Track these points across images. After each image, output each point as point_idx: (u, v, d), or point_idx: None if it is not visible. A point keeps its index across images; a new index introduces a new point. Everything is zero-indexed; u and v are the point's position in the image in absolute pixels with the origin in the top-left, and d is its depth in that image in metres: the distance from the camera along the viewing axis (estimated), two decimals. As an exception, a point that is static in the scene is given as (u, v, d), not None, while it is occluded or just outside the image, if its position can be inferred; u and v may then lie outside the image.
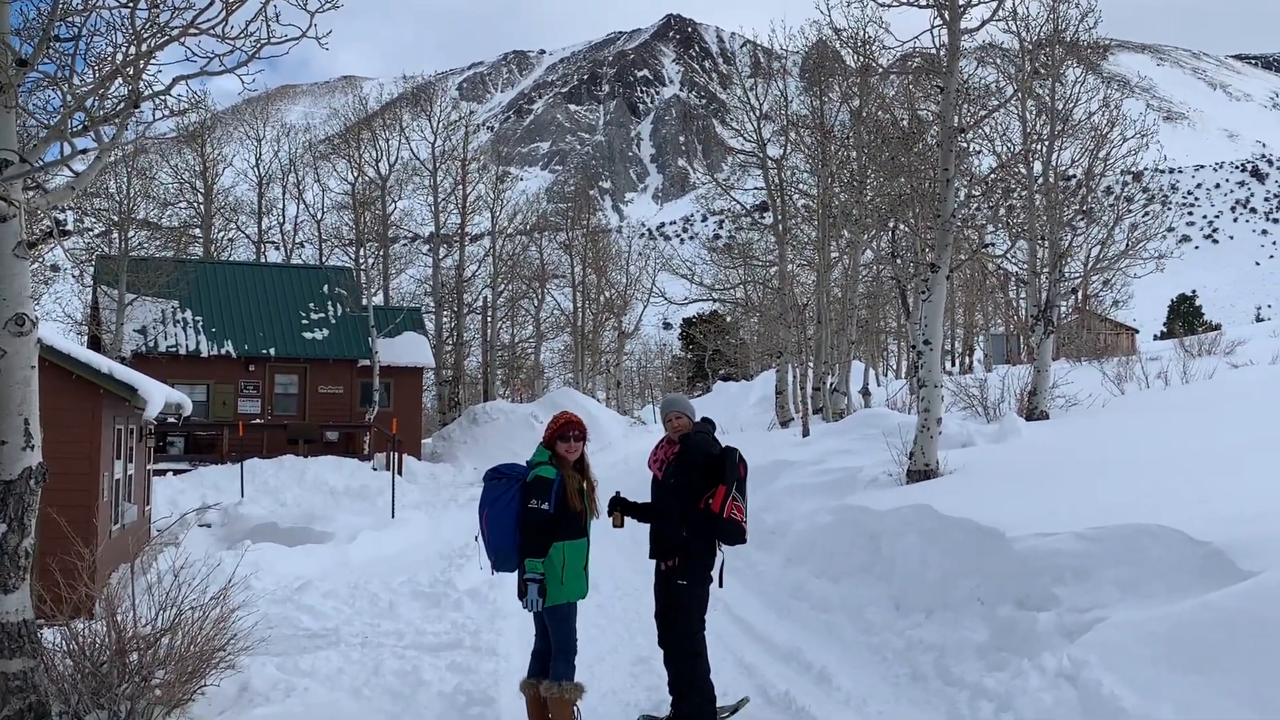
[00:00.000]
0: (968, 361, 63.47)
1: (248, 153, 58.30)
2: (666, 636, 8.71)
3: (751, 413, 46.70)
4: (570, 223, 63.72)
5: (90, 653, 8.59)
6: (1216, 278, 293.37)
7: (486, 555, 8.20)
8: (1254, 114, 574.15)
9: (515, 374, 65.24)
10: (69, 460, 14.66)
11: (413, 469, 35.20)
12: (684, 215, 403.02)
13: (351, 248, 53.20)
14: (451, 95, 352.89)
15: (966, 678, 8.90)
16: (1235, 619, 6.74)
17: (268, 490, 29.41)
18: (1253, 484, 10.06)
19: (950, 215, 15.93)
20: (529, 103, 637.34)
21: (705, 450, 8.65)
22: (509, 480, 8.16)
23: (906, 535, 11.95)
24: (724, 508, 8.42)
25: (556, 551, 8.05)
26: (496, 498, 8.12)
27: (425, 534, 21.04)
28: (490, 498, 8.16)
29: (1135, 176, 28.06)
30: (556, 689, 8.04)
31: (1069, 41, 24.11)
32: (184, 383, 33.38)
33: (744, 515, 8.48)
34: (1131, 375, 26.65)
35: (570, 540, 8.14)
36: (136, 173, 39.34)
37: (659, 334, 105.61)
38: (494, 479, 8.24)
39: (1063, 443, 16.45)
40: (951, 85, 15.98)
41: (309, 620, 12.84)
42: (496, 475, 8.26)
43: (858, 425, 22.02)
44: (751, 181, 44.45)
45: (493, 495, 8.15)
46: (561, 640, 8.15)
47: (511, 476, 8.19)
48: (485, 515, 8.15)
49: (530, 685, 8.26)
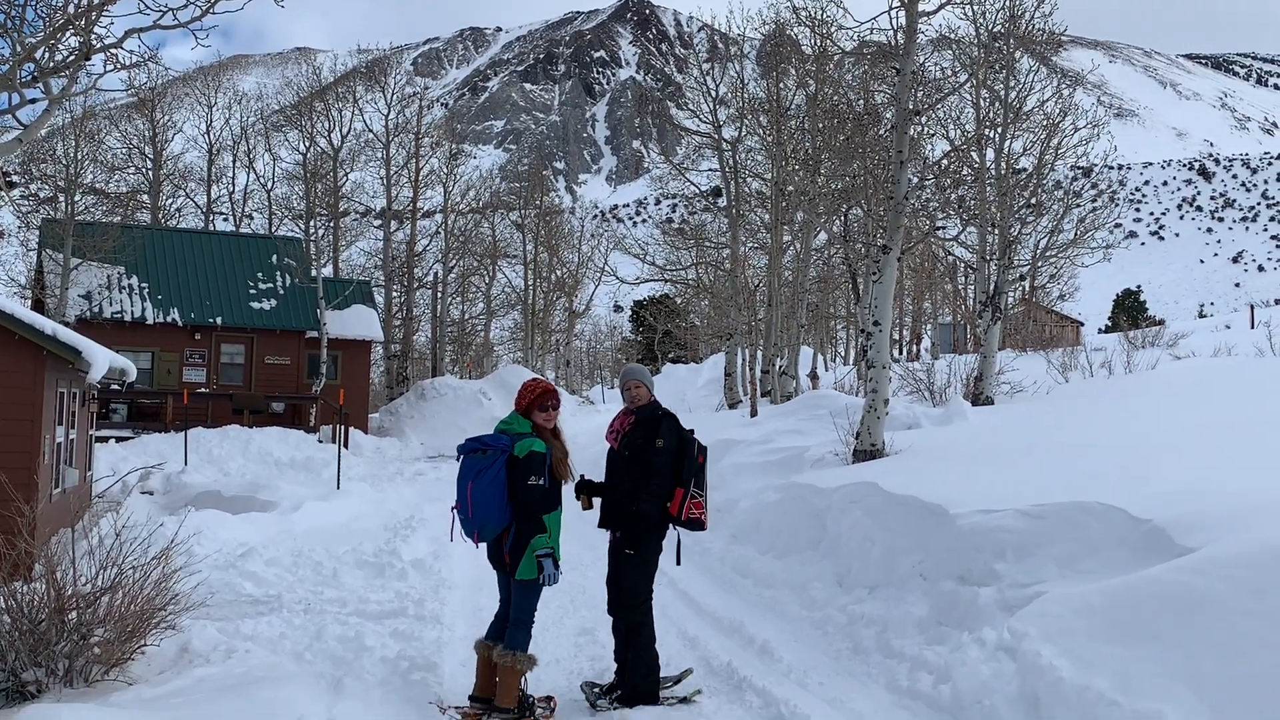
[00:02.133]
0: (915, 349, 63.93)
1: (198, 120, 57.58)
2: (614, 604, 8.74)
3: (700, 394, 46.80)
4: (523, 201, 63.48)
5: (28, 610, 8.51)
6: (1161, 274, 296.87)
7: (466, 528, 8.12)
8: (1202, 113, 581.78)
9: (464, 351, 65.00)
10: (10, 421, 14.47)
11: (359, 442, 35.00)
12: (637, 198, 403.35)
13: (302, 219, 52.76)
14: (406, 69, 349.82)
15: (907, 651, 9.00)
16: (1171, 592, 6.84)
17: (212, 460, 29.13)
18: (1193, 465, 10.22)
19: (903, 198, 16.02)
20: (484, 80, 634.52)
21: (657, 422, 8.68)
22: (494, 452, 8.08)
23: (851, 513, 12.04)
24: (682, 509, 8.50)
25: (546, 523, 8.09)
26: (482, 469, 8.03)
27: (370, 506, 20.92)
28: (474, 469, 8.06)
29: (1085, 171, 28.33)
30: (510, 658, 8.06)
31: (1022, 34, 24.29)
32: (129, 350, 32.98)
33: (704, 509, 8.51)
34: (1076, 364, 26.95)
35: (554, 511, 8.18)
36: (85, 137, 38.74)
37: (610, 315, 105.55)
38: (476, 450, 8.14)
39: (1007, 426, 16.63)
40: (907, 68, 16.05)
41: (251, 586, 12.75)
42: (479, 447, 8.15)
43: (805, 406, 22.15)
44: (706, 164, 44.48)
45: (477, 467, 8.06)
46: (526, 611, 8.19)
47: (495, 448, 8.10)
48: (470, 488, 8.04)
49: (485, 646, 8.31)
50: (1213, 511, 7.95)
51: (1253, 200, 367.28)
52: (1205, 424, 13.22)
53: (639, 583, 8.67)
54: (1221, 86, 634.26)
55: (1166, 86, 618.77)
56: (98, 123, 43.50)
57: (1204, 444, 11.55)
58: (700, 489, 8.51)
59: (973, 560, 9.35)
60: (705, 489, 8.57)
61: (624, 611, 8.66)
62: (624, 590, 8.66)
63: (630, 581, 8.65)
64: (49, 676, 8.34)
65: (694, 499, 8.46)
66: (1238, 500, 8.15)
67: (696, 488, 8.50)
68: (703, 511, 8.50)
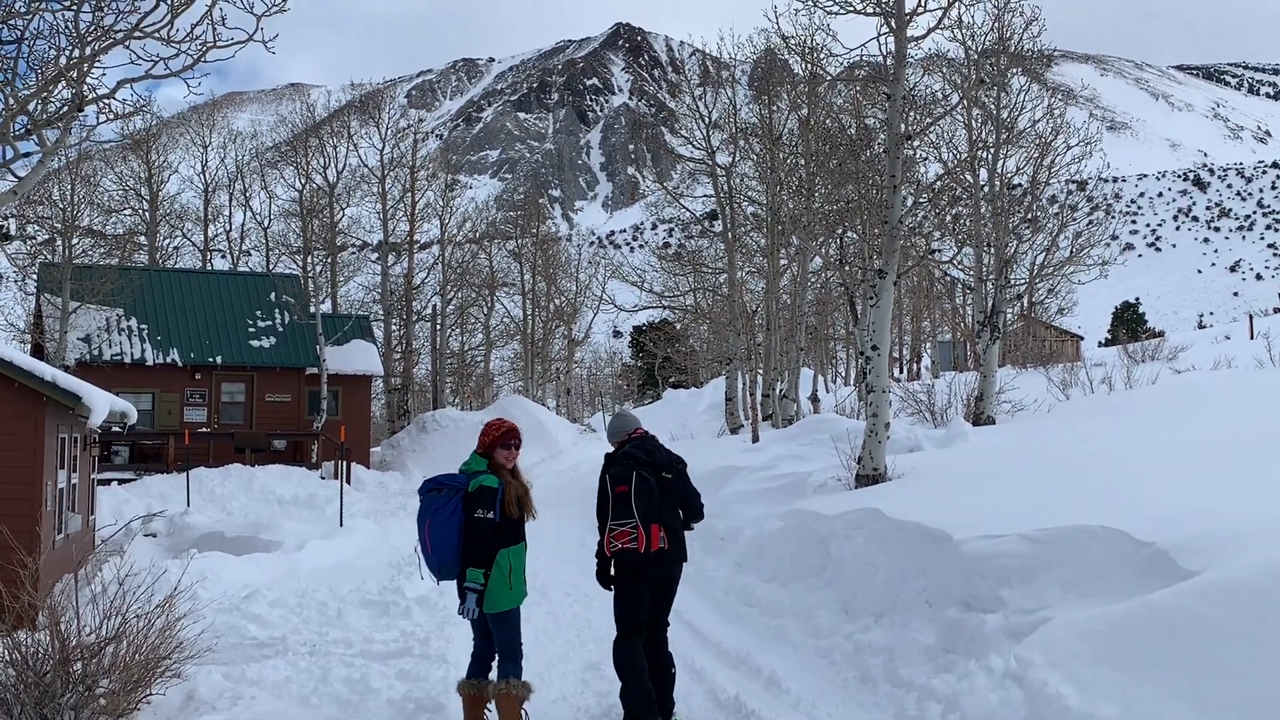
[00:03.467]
0: (915, 368, 63.88)
1: (194, 159, 57.74)
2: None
3: (702, 419, 46.72)
4: (520, 230, 63.58)
5: (33, 662, 8.48)
6: (1159, 285, 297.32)
7: (428, 566, 8.26)
8: (1195, 124, 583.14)
9: (464, 382, 64.97)
10: (11, 469, 14.47)
11: (361, 477, 34.99)
12: (634, 223, 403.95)
13: (299, 255, 52.84)
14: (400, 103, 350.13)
15: (915, 679, 8.98)
16: (1175, 618, 6.83)
17: (214, 499, 29.13)
18: (1194, 484, 10.20)
19: (897, 222, 16.06)
20: (478, 111, 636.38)
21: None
22: (449, 490, 8.25)
23: (855, 539, 12.03)
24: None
25: (503, 558, 8.22)
26: (438, 508, 8.19)
27: (374, 542, 20.88)
28: (431, 509, 8.22)
29: (1079, 185, 28.39)
30: (505, 686, 8.22)
31: (1013, 51, 24.39)
32: (129, 391, 33.01)
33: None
34: (1076, 381, 26.95)
35: (513, 545, 8.32)
36: (80, 180, 38.85)
37: (609, 342, 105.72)
38: (433, 490, 8.28)
39: (1009, 446, 16.61)
40: (898, 92, 16.11)
41: (256, 629, 12.72)
42: (436, 486, 8.31)
43: (807, 431, 22.12)
44: (701, 189, 44.57)
45: (434, 506, 8.21)
46: (511, 643, 8.32)
47: (451, 487, 8.27)
48: (428, 526, 8.17)
49: (471, 685, 8.47)
50: (1214, 533, 7.94)
51: (1248, 209, 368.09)
52: (1206, 440, 13.20)
53: (615, 613, 8.84)
54: (1213, 97, 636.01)
55: (1159, 98, 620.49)
56: (93, 165, 43.62)
57: (1205, 461, 11.53)
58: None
59: (977, 586, 9.33)
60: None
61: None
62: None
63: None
64: (55, 729, 8.31)
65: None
66: (1239, 520, 8.14)
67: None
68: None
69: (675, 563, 8.83)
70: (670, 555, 8.70)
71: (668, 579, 8.85)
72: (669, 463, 8.93)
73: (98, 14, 8.44)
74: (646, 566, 8.61)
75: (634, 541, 8.47)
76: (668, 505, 8.77)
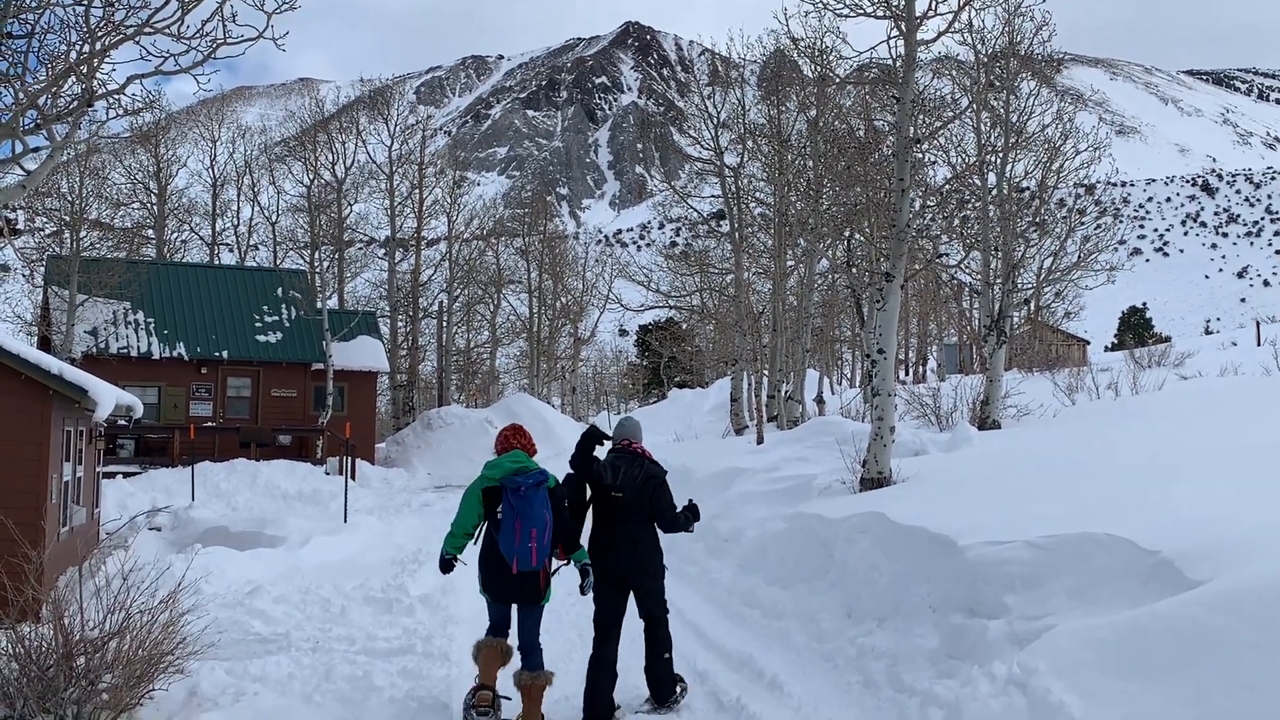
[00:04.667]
0: (921, 371, 63.85)
1: (202, 154, 57.84)
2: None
3: (707, 420, 46.71)
4: (527, 228, 63.60)
5: (36, 656, 8.50)
6: (1166, 290, 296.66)
7: (531, 557, 8.76)
8: (1204, 129, 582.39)
9: (470, 379, 65.00)
10: (16, 462, 14.48)
11: (366, 473, 35.01)
12: (641, 222, 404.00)
13: (306, 250, 52.90)
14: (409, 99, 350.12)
15: (917, 685, 8.96)
16: (1181, 627, 6.81)
17: (219, 494, 29.15)
18: (1201, 493, 10.16)
19: (905, 225, 16.04)
20: (487, 108, 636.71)
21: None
22: (531, 486, 8.92)
23: (859, 543, 12.00)
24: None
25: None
26: (534, 501, 8.86)
27: (378, 539, 20.87)
28: (539, 502, 8.86)
29: (1088, 189, 28.34)
30: (538, 677, 8.93)
31: (1023, 55, 24.35)
32: (135, 385, 33.05)
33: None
34: (1082, 386, 26.88)
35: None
36: (89, 173, 38.90)
37: (615, 341, 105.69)
38: (537, 485, 8.94)
39: (1014, 452, 16.58)
40: (907, 96, 16.08)
41: (259, 625, 12.73)
42: (540, 480, 8.99)
43: (812, 433, 22.09)
44: (708, 189, 44.50)
45: (532, 500, 8.84)
46: (537, 635, 9.08)
47: (529, 484, 8.93)
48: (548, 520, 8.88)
49: (493, 643, 9.08)
50: (1221, 541, 7.93)
51: (1256, 215, 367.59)
52: (1212, 448, 13.18)
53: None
54: (1223, 102, 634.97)
55: (1168, 103, 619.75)
56: (102, 159, 43.66)
57: (1211, 469, 11.51)
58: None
59: (982, 592, 9.31)
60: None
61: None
62: None
63: None
64: (57, 723, 8.32)
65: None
66: (1246, 529, 8.12)
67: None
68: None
69: (628, 567, 9.40)
70: (608, 561, 9.33)
71: (621, 581, 9.42)
72: (628, 482, 9.41)
73: (108, 9, 8.45)
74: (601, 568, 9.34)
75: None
76: (622, 519, 9.34)
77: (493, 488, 8.93)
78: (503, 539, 8.76)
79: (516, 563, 8.70)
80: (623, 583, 9.40)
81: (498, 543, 8.83)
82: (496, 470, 9.00)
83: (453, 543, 9.10)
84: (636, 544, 9.38)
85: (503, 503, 8.81)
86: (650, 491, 9.43)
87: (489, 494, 8.95)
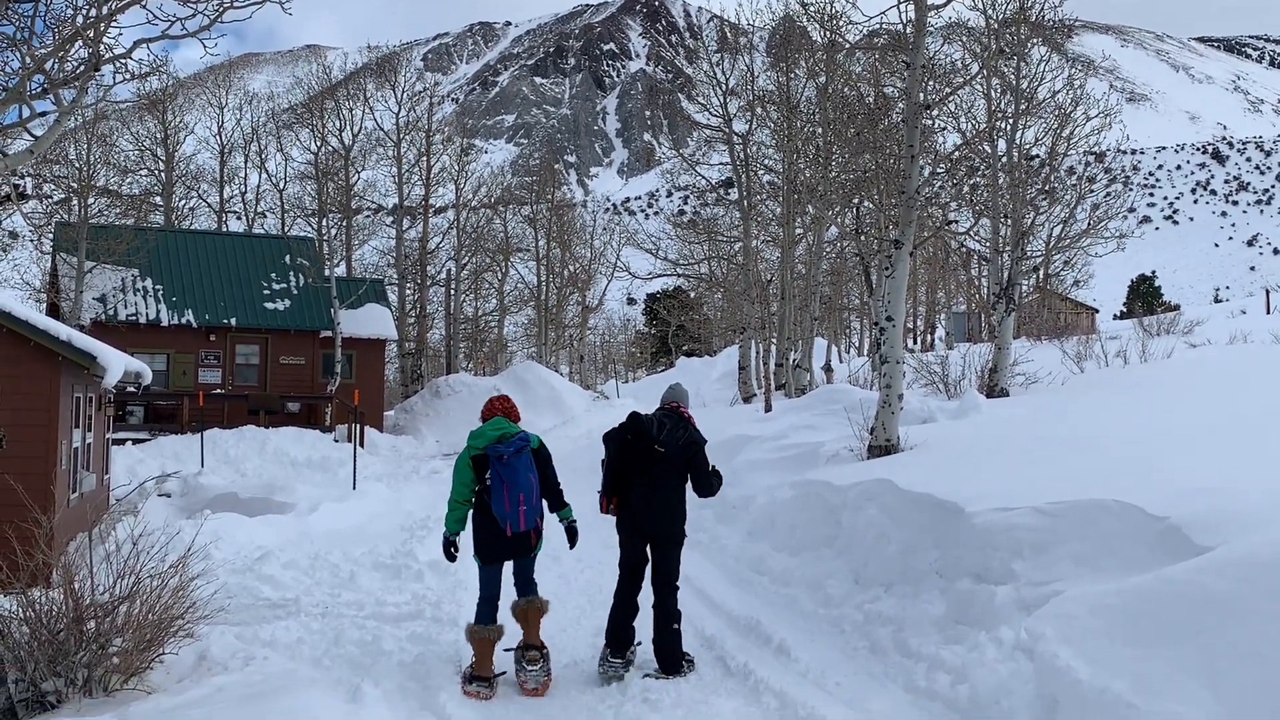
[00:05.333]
0: (929, 339, 63.80)
1: (210, 120, 57.70)
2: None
3: (714, 388, 46.72)
4: (535, 196, 63.47)
5: (47, 620, 8.55)
6: (1176, 259, 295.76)
7: (522, 518, 9.22)
8: (1215, 96, 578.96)
9: (478, 347, 65.01)
10: (27, 428, 14.54)
11: (374, 441, 35.07)
12: (649, 190, 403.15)
13: (314, 218, 52.87)
14: (416, 66, 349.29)
15: (924, 650, 8.99)
16: (1189, 593, 6.81)
17: (228, 461, 29.23)
18: (1208, 460, 10.17)
19: (914, 192, 15.98)
20: (494, 75, 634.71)
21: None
22: (517, 449, 9.31)
23: (867, 510, 12.02)
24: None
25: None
26: (526, 469, 9.29)
27: (387, 506, 20.92)
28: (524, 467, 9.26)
29: (1098, 157, 28.20)
30: (535, 601, 9.53)
31: (1034, 21, 24.17)
32: (144, 352, 33.09)
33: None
34: (1091, 354, 26.84)
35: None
36: (97, 139, 38.83)
37: (623, 309, 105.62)
38: (518, 450, 9.31)
39: (1022, 419, 16.57)
40: (918, 61, 15.99)
41: (269, 590, 12.78)
42: (521, 445, 9.35)
43: (820, 401, 22.09)
44: (717, 157, 44.37)
45: (523, 465, 9.26)
46: (532, 572, 9.67)
47: (518, 447, 9.34)
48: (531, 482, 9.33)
49: (486, 630, 9.38)
50: (1229, 508, 7.92)
51: (1267, 183, 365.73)
52: (1221, 416, 13.16)
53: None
54: (1234, 69, 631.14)
55: (1179, 70, 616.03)
56: (110, 125, 43.59)
57: (1220, 437, 11.50)
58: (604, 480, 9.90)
59: (989, 558, 9.32)
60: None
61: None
62: None
63: None
64: (68, 687, 8.38)
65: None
66: (1254, 497, 8.12)
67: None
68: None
69: (655, 525, 9.73)
70: (635, 516, 9.74)
71: (647, 537, 9.77)
72: (670, 440, 9.71)
73: (115, -28, 8.41)
74: (619, 519, 9.88)
75: (602, 505, 9.91)
76: (659, 473, 9.65)
77: (479, 455, 9.31)
78: (494, 504, 9.17)
79: (509, 526, 9.16)
80: (649, 539, 9.76)
81: (490, 507, 9.24)
82: (480, 439, 9.37)
83: (453, 517, 9.51)
84: (668, 505, 9.71)
85: (490, 470, 9.20)
86: (690, 455, 9.76)
87: (477, 461, 9.33)
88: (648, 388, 52.48)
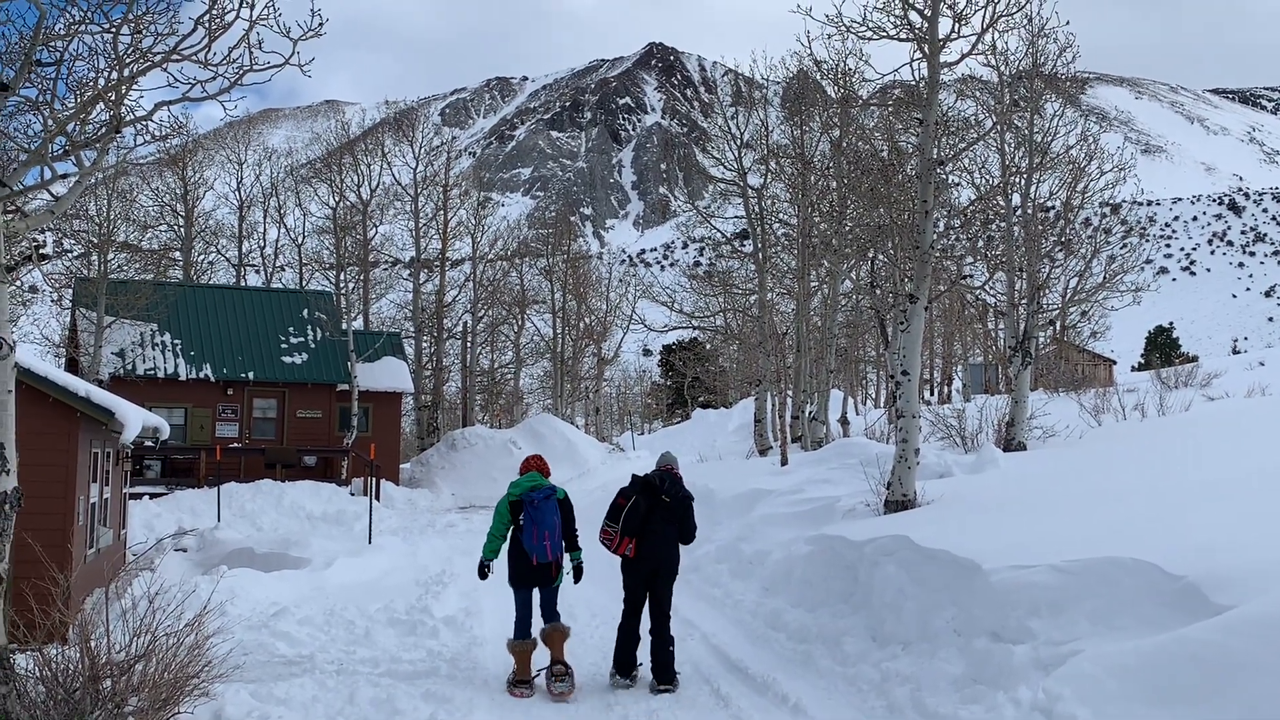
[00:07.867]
0: (946, 391, 63.65)
1: (229, 176, 58.21)
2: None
3: (730, 440, 46.69)
4: (551, 248, 63.77)
5: (63, 679, 8.53)
6: (1193, 309, 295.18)
7: (544, 554, 11.17)
8: (1231, 147, 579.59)
9: (494, 399, 65.10)
10: (44, 484, 14.57)
11: (390, 494, 35.09)
12: (664, 242, 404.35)
13: (332, 272, 53.16)
14: (434, 120, 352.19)
15: (942, 710, 8.91)
16: (1206, 653, 6.77)
17: (245, 515, 29.26)
18: (1225, 516, 10.12)
19: (929, 247, 16.02)
20: (511, 129, 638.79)
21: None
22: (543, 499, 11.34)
23: (884, 566, 11.96)
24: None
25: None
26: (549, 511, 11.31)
27: (402, 560, 20.91)
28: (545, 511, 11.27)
29: (1113, 209, 28.23)
30: (559, 627, 11.32)
31: (1047, 75, 24.29)
32: (162, 406, 33.27)
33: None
34: (1108, 407, 26.77)
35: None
36: (116, 195, 39.17)
37: (639, 360, 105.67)
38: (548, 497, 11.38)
39: (1039, 474, 16.51)
40: (930, 118, 16.09)
41: (284, 647, 12.76)
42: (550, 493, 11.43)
43: (836, 454, 22.04)
44: (732, 210, 44.60)
45: (548, 510, 11.28)
46: (555, 602, 11.47)
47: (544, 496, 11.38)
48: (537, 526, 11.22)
49: (522, 644, 11.22)
50: (1246, 566, 7.88)
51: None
52: (1239, 471, 13.09)
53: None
54: (1249, 120, 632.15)
55: (1194, 121, 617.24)
56: (130, 181, 43.96)
57: (1238, 493, 11.44)
58: (612, 522, 11.52)
59: (1007, 617, 9.26)
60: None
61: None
62: None
63: None
64: (84, 746, 8.35)
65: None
66: (1272, 554, 8.07)
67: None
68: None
69: (658, 564, 11.45)
70: (644, 558, 11.41)
71: (650, 574, 11.45)
72: (673, 493, 11.58)
73: (136, 37, 8.51)
74: (627, 562, 11.52)
75: (609, 541, 11.49)
76: (658, 521, 11.47)
77: (516, 501, 11.36)
78: (525, 539, 11.19)
79: (535, 557, 11.15)
80: (650, 575, 11.44)
81: (521, 542, 11.23)
82: (517, 488, 11.47)
83: (490, 546, 11.50)
84: (670, 545, 11.55)
85: (524, 513, 11.24)
86: (686, 506, 11.70)
87: (514, 506, 11.37)
88: (663, 440, 52.38)
